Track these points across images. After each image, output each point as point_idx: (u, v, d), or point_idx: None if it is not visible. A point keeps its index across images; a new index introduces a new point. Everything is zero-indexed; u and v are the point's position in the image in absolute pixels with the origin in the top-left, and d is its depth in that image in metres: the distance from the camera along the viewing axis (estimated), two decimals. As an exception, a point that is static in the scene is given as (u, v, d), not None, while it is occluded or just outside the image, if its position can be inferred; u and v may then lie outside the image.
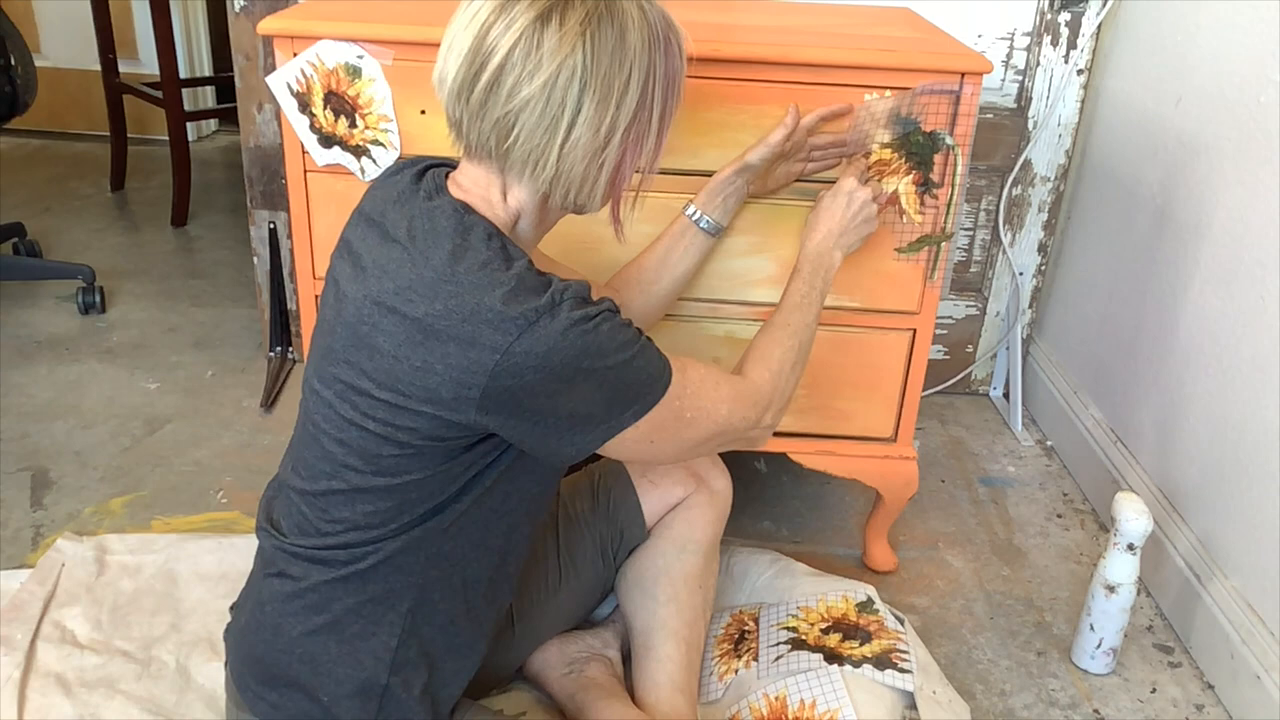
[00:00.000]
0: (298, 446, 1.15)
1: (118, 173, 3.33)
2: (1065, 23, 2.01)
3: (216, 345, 2.38)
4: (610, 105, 1.01)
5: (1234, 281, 1.59)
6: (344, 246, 1.12)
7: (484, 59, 0.99)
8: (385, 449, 1.04)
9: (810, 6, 1.78)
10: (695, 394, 1.12)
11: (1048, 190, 2.14)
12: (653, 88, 1.05)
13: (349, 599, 1.10)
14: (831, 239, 1.35)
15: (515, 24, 0.98)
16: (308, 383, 1.13)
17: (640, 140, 1.06)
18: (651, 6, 1.05)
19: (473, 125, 1.02)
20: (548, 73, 0.98)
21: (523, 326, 0.97)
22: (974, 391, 2.34)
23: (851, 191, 1.36)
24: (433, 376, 0.99)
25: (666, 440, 1.11)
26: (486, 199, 1.07)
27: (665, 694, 1.35)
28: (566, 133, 1.01)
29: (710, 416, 1.14)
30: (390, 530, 1.08)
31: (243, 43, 2.08)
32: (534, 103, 0.99)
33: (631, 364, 1.04)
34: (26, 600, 1.54)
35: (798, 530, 1.84)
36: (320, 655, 1.10)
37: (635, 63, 1.02)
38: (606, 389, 1.03)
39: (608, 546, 1.43)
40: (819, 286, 1.33)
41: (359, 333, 1.03)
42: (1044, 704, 1.50)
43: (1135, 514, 1.47)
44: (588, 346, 0.99)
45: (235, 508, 1.82)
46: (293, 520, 1.13)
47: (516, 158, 1.03)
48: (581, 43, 0.99)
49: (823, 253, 1.35)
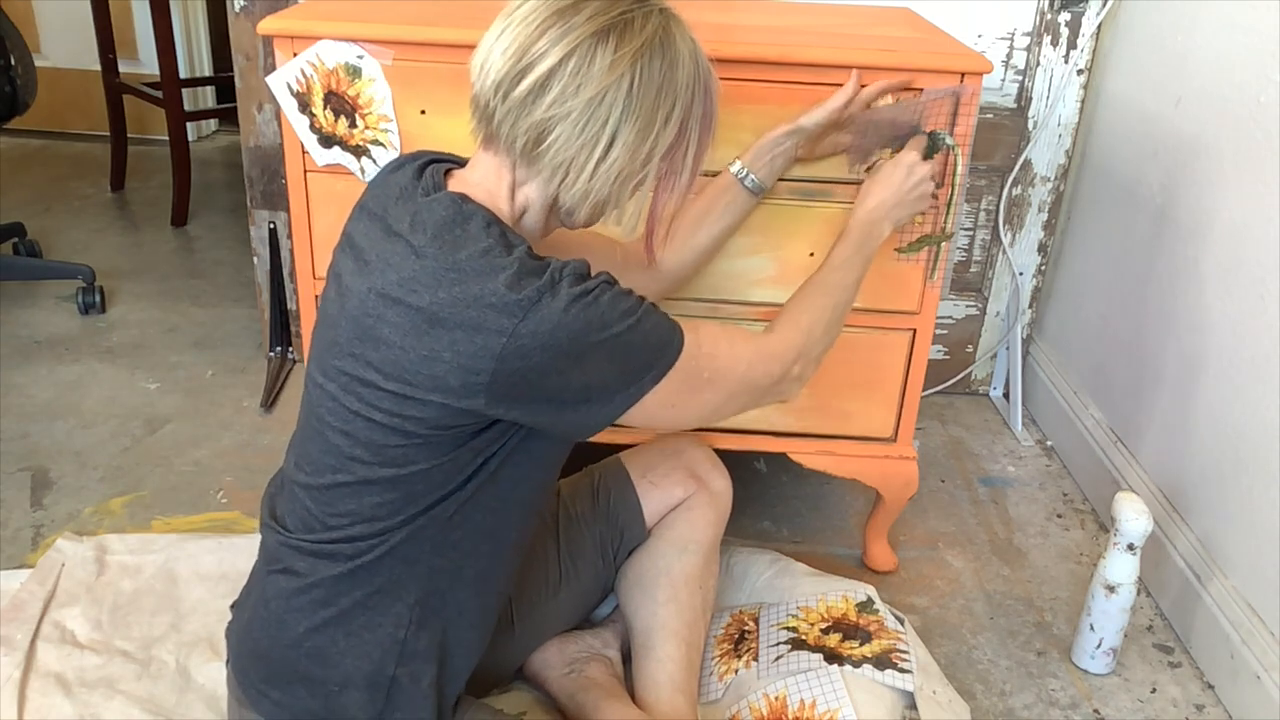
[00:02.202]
0: (301, 442, 1.15)
1: (118, 173, 3.33)
2: (1065, 23, 2.01)
3: (216, 345, 2.38)
4: (650, 135, 1.04)
5: (1234, 281, 1.59)
6: (346, 241, 1.12)
7: (532, 61, 1.00)
8: (392, 439, 1.04)
9: (810, 6, 1.78)
10: (711, 353, 1.12)
11: (1048, 190, 2.14)
12: (690, 125, 1.07)
13: (356, 592, 1.10)
14: (884, 209, 1.35)
15: (572, 34, 0.99)
16: (310, 377, 1.13)
17: (673, 174, 1.09)
18: (700, 48, 1.07)
19: (505, 120, 1.03)
20: (595, 90, 1.00)
21: (526, 308, 0.97)
22: (974, 391, 2.34)
23: (912, 165, 1.36)
24: (440, 364, 0.99)
25: (689, 403, 1.12)
26: (493, 192, 1.07)
27: (665, 694, 1.35)
28: (604, 152, 1.03)
29: (730, 374, 1.14)
30: (396, 522, 1.08)
31: (243, 43, 2.08)
32: (575, 116, 1.00)
33: (638, 329, 1.04)
34: (26, 600, 1.54)
35: (798, 530, 1.84)
36: (328, 649, 1.10)
37: (679, 99, 1.05)
38: (618, 358, 1.03)
39: (608, 547, 1.43)
40: (865, 253, 1.33)
41: (363, 325, 1.03)
42: (1044, 704, 1.50)
43: (1135, 514, 1.47)
44: (591, 319, 1.00)
45: (235, 508, 1.82)
46: (297, 516, 1.13)
47: (546, 163, 1.04)
48: (633, 69, 1.01)
49: (875, 220, 1.34)
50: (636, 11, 1.02)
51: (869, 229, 1.34)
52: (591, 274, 1.04)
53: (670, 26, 1.04)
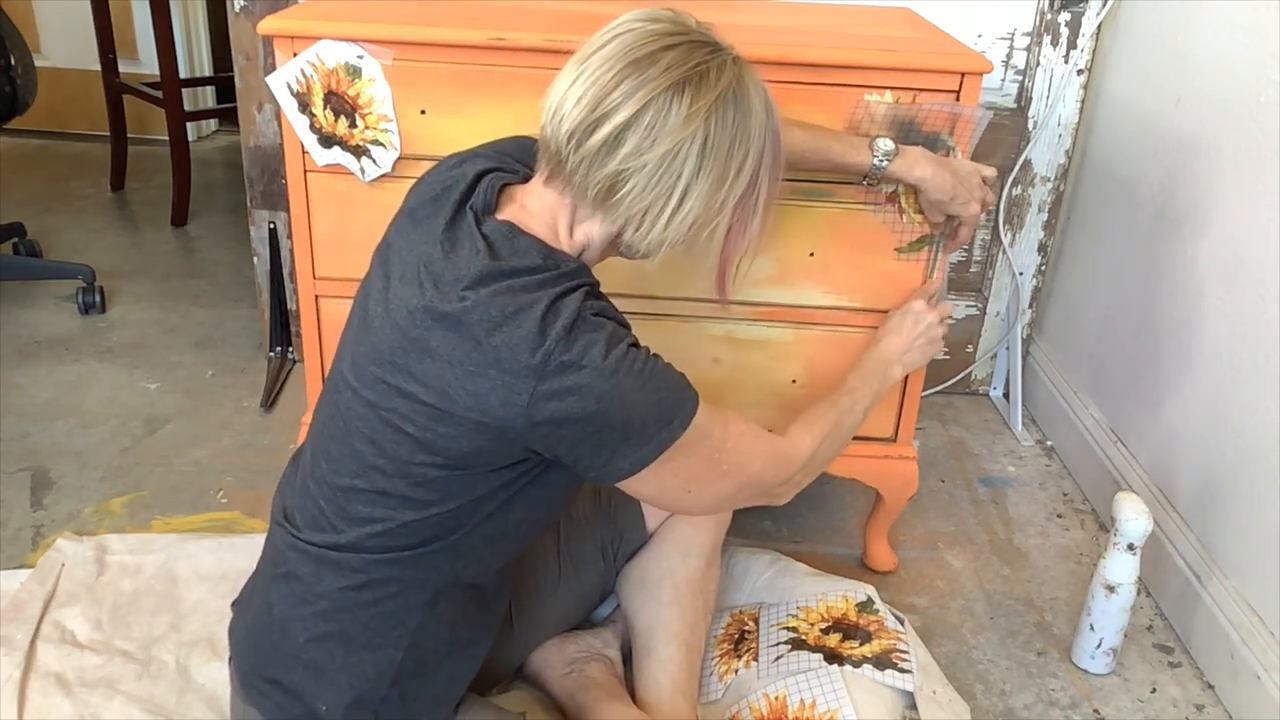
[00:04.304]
0: (323, 438, 1.14)
1: (118, 173, 3.33)
2: (1065, 23, 2.01)
3: (216, 345, 2.38)
4: (724, 186, 1.04)
5: (1234, 281, 1.59)
6: (388, 249, 1.11)
7: (607, 112, 0.99)
8: (418, 456, 1.04)
9: (810, 6, 1.78)
10: (735, 448, 1.13)
11: (1048, 190, 2.14)
12: (762, 174, 1.08)
13: (360, 611, 1.10)
14: (895, 353, 1.40)
15: (647, 86, 0.99)
16: (342, 378, 1.12)
17: (744, 219, 1.10)
18: (769, 95, 1.07)
19: (578, 169, 1.02)
20: (671, 144, 1.00)
21: (563, 368, 0.98)
22: (974, 391, 2.34)
23: (919, 312, 1.42)
24: (484, 381, 0.99)
25: (704, 490, 1.14)
26: (553, 227, 1.07)
27: (666, 695, 1.35)
28: (678, 203, 1.03)
29: (744, 470, 1.16)
30: (404, 544, 1.08)
31: (243, 43, 2.08)
32: (650, 169, 1.00)
33: (658, 377, 1.05)
34: (26, 600, 1.54)
35: (798, 530, 1.84)
36: (325, 663, 1.11)
37: (752, 149, 1.05)
38: (645, 410, 1.03)
39: (608, 547, 1.43)
40: (874, 387, 1.37)
41: (410, 335, 1.02)
42: (1044, 704, 1.50)
43: (1135, 514, 1.47)
44: (628, 381, 1.01)
45: (235, 508, 1.82)
46: (308, 514, 1.13)
47: (621, 212, 1.04)
48: (708, 122, 1.00)
49: (888, 362, 1.40)
50: (711, 63, 1.01)
51: (882, 367, 1.39)
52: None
53: (744, 76, 1.04)
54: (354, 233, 1.47)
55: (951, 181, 1.37)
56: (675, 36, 1.01)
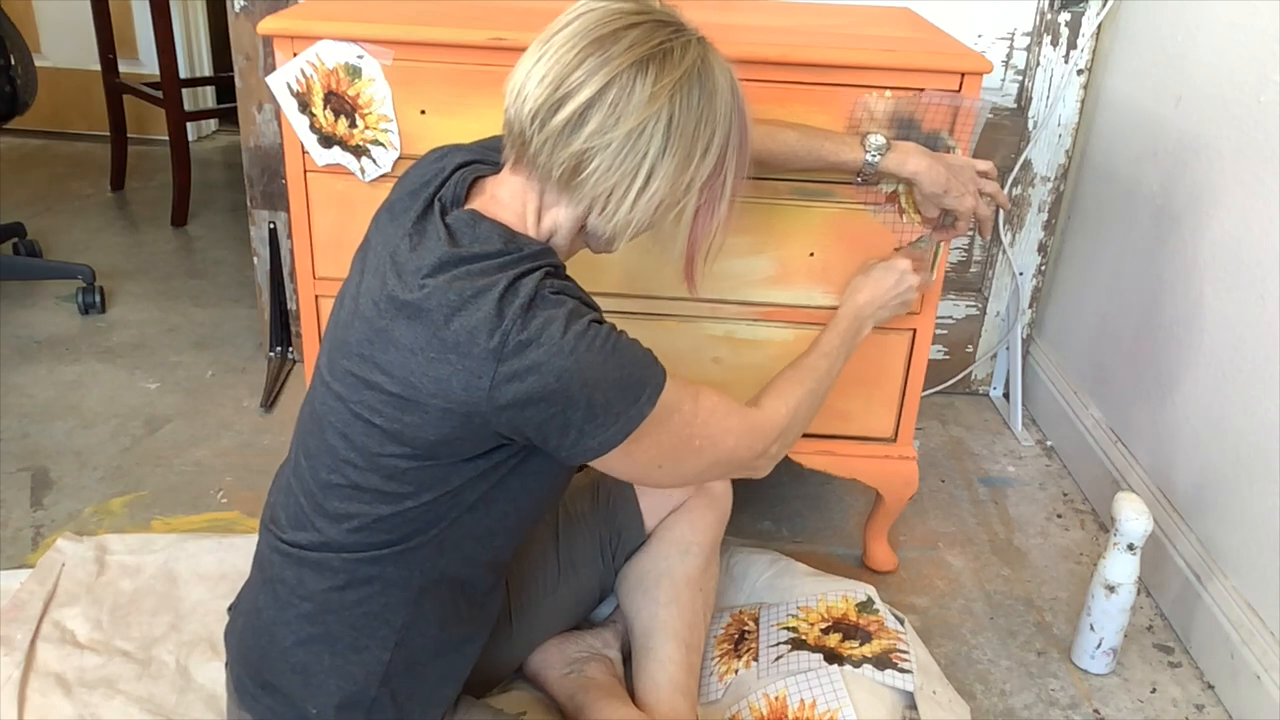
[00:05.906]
0: (302, 435, 1.15)
1: (118, 172, 3.33)
2: (1065, 23, 2.01)
3: (216, 345, 2.38)
4: (690, 166, 1.03)
5: (1234, 281, 1.59)
6: (366, 243, 1.12)
7: (570, 91, 0.99)
8: (388, 448, 1.04)
9: (810, 6, 1.78)
10: (706, 422, 1.12)
11: (1048, 190, 2.14)
12: (729, 155, 1.07)
13: (344, 612, 1.10)
14: (871, 308, 1.39)
15: (610, 64, 0.98)
16: (318, 373, 1.13)
17: (712, 203, 1.09)
18: (735, 77, 1.07)
19: (542, 149, 1.01)
20: (634, 122, 0.99)
21: (524, 345, 0.97)
22: (974, 391, 2.34)
23: (903, 271, 1.41)
24: (445, 367, 0.98)
25: (676, 466, 1.13)
26: (520, 213, 1.07)
27: (665, 694, 1.35)
28: (644, 183, 1.02)
29: (717, 445, 1.15)
30: (383, 540, 1.08)
31: (243, 43, 2.08)
32: (614, 147, 1.00)
33: (625, 355, 1.04)
34: (26, 600, 1.54)
35: (798, 530, 1.84)
36: (313, 666, 1.11)
37: (718, 129, 1.04)
38: (609, 387, 1.02)
39: (606, 547, 1.43)
40: (849, 346, 1.36)
41: (375, 326, 1.03)
42: (1044, 704, 1.50)
43: (1135, 514, 1.47)
44: (590, 355, 0.99)
45: (235, 508, 1.82)
46: (290, 512, 1.13)
47: (585, 193, 1.03)
48: (672, 99, 1.00)
49: (862, 317, 1.39)
50: (675, 41, 1.01)
51: (856, 322, 1.38)
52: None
53: (709, 56, 1.03)
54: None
55: (945, 175, 1.37)
56: (638, 15, 1.01)
